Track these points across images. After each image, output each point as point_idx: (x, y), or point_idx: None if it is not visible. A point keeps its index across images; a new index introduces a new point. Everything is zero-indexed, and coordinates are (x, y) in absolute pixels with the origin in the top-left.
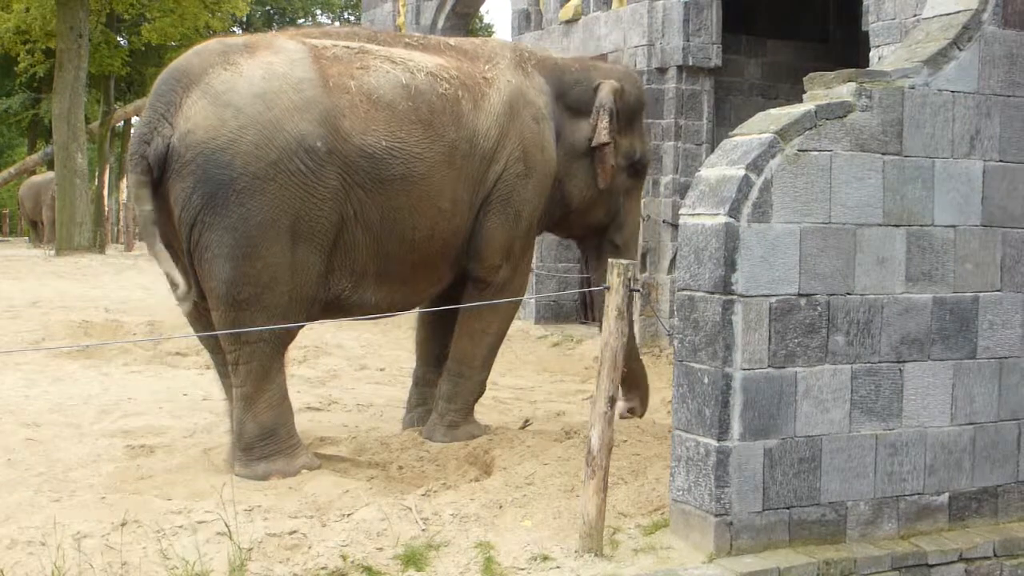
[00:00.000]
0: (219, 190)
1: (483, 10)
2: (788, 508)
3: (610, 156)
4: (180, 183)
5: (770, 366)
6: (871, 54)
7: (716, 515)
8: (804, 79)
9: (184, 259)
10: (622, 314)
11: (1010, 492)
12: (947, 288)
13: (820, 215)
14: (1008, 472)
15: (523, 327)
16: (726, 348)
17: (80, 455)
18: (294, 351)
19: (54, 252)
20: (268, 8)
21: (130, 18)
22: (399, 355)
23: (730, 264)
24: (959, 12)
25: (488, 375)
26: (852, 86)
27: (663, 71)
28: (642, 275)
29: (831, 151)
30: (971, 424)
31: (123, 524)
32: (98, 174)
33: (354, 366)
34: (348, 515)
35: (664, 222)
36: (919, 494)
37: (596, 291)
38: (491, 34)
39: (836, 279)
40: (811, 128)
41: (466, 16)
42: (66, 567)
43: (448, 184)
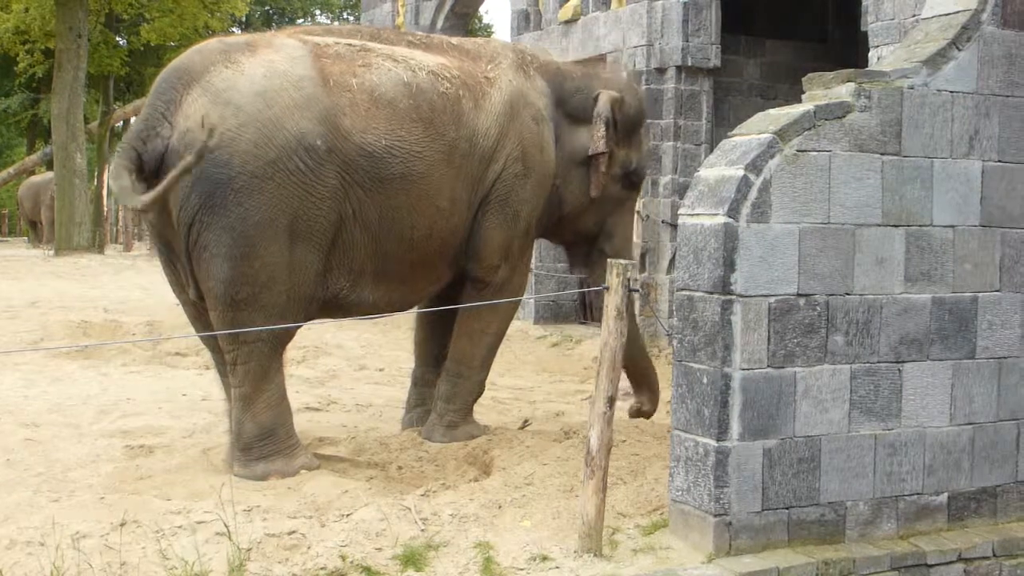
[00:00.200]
0: (217, 189)
1: (482, 10)
2: (787, 508)
3: (603, 165)
4: (178, 182)
5: (769, 366)
6: (870, 54)
7: (715, 515)
8: (803, 79)
9: (183, 259)
10: (621, 314)
11: (1009, 492)
12: (946, 288)
13: (819, 215)
14: (1007, 472)
15: (522, 327)
16: (725, 348)
17: (79, 455)
18: (293, 351)
19: (53, 252)
20: (267, 8)
21: (129, 18)
22: (398, 355)
23: (729, 264)
24: (958, 12)
25: (487, 375)
26: (851, 86)
27: (662, 71)
28: (641, 275)
29: (830, 151)
30: (970, 424)
31: (122, 524)
32: (97, 174)
33: (353, 366)
34: (347, 515)
35: (663, 222)
36: (918, 494)
37: (596, 291)
38: (490, 34)
39: (835, 279)
40: (810, 128)
41: (465, 16)
42: (65, 567)
43: (447, 183)
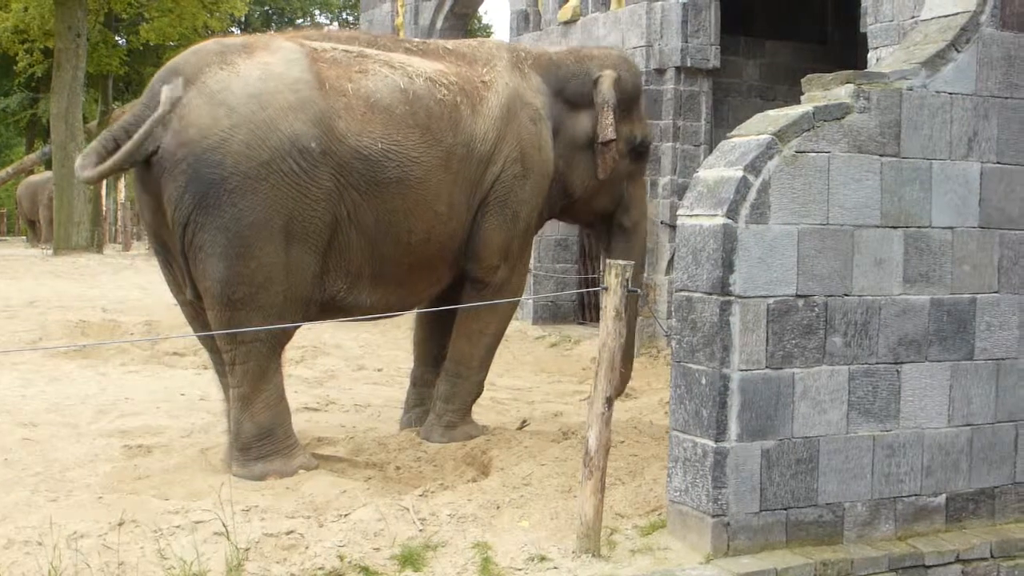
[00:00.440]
0: (210, 189)
1: (482, 11)
2: (785, 509)
3: (615, 151)
4: (172, 182)
5: (768, 367)
6: (869, 56)
7: (713, 516)
8: (802, 81)
9: (179, 259)
10: (620, 315)
11: (1007, 493)
12: (944, 289)
13: (818, 216)
14: (1005, 473)
15: (521, 328)
16: (724, 349)
17: (77, 455)
18: (291, 351)
19: (51, 251)
20: (267, 8)
21: (128, 18)
22: (397, 355)
23: (728, 265)
24: (957, 14)
25: (486, 375)
26: (850, 88)
27: (661, 72)
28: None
29: (829, 152)
30: (968, 425)
31: (120, 524)
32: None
33: (352, 366)
34: (345, 515)
35: (662, 223)
36: (916, 495)
37: (593, 291)
38: (489, 35)
39: (834, 280)
40: (809, 129)
41: (465, 17)
42: (63, 567)
43: (445, 188)
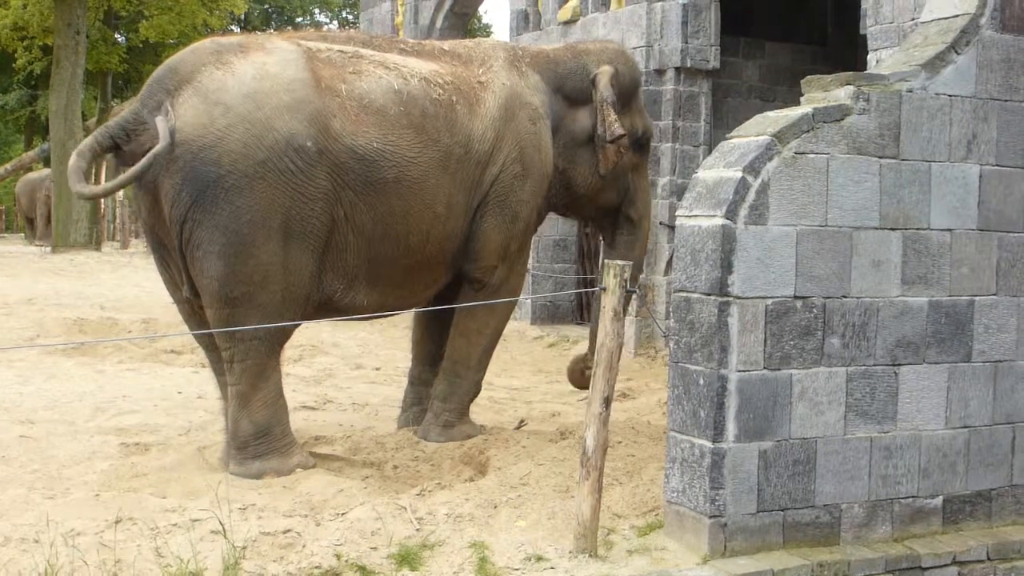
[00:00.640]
0: (207, 188)
1: (481, 10)
2: (782, 510)
3: (623, 147)
4: (169, 180)
5: (765, 368)
6: (869, 57)
7: (710, 516)
8: (801, 82)
9: (177, 257)
10: (618, 315)
11: (1004, 495)
12: (943, 291)
13: (817, 218)
14: (1002, 475)
15: (519, 328)
16: (722, 350)
17: (74, 452)
18: (289, 350)
19: (50, 249)
20: (266, 7)
21: (128, 15)
22: (395, 354)
23: (726, 266)
24: (957, 16)
25: (484, 375)
26: (850, 89)
27: (661, 73)
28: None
29: (828, 154)
30: (965, 427)
31: (117, 522)
32: (95, 171)
33: (350, 365)
34: (342, 514)
35: (661, 223)
36: (913, 497)
37: (591, 291)
38: (489, 34)
39: (832, 282)
40: (808, 131)
41: (464, 16)
42: (59, 565)
43: (443, 189)
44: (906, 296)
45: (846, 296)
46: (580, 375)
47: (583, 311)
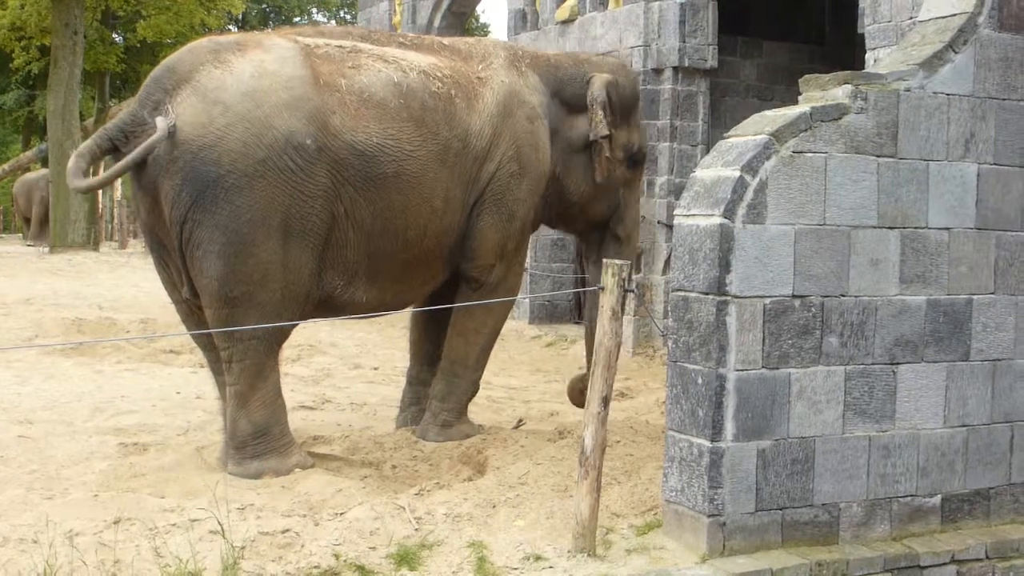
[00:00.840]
0: (207, 187)
1: (479, 10)
2: (781, 509)
3: (606, 148)
4: (169, 180)
5: (764, 367)
6: (867, 56)
7: (709, 516)
8: (799, 81)
9: (176, 257)
10: (616, 315)
11: (1002, 494)
12: (941, 290)
13: (815, 217)
14: (1000, 474)
15: (517, 327)
16: (720, 349)
17: (73, 453)
18: (288, 350)
19: (47, 249)
20: (264, 6)
21: (125, 15)
22: (393, 354)
23: (724, 265)
24: (955, 15)
25: (482, 375)
26: (847, 88)
27: (659, 72)
28: (636, 275)
29: (826, 153)
30: (964, 426)
31: (116, 522)
32: (92, 171)
33: (348, 365)
34: (341, 514)
35: (659, 223)
36: (912, 496)
37: (589, 290)
38: (487, 34)
39: (830, 281)
40: (806, 130)
41: (462, 15)
42: (58, 565)
43: (441, 182)
44: (904, 295)
45: (844, 295)
46: (580, 395)
47: (581, 311)
